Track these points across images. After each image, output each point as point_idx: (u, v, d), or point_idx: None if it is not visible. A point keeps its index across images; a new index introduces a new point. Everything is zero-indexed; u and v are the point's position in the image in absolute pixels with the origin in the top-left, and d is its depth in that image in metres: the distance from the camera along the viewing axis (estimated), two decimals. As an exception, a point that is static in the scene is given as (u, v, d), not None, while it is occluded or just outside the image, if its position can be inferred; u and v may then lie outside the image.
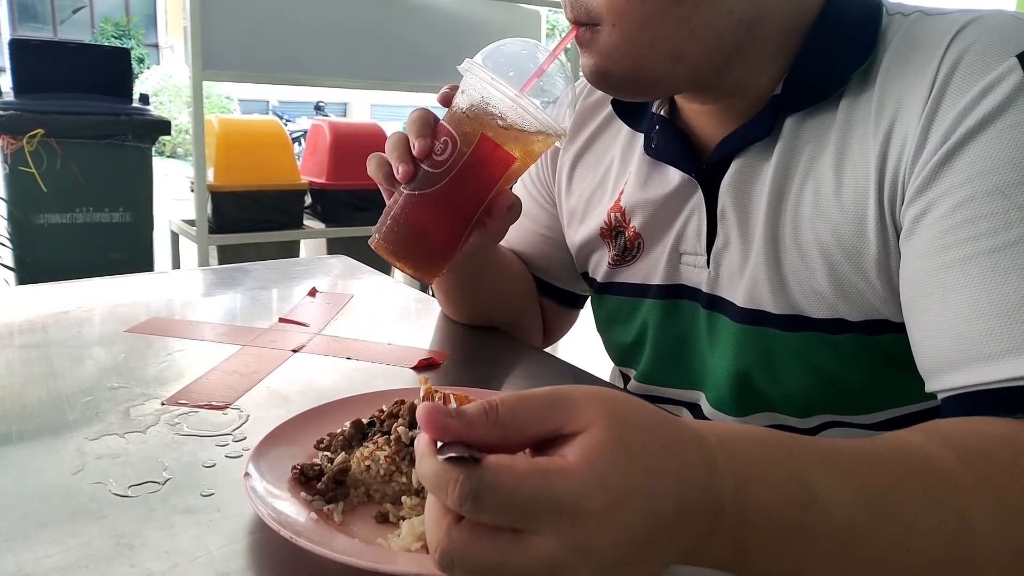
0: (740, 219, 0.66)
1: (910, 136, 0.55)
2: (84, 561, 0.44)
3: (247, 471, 0.50)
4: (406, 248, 0.64)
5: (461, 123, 0.62)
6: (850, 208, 0.59)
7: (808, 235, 0.61)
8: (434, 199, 0.63)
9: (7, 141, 2.65)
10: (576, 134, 0.83)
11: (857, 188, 0.58)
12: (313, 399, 0.63)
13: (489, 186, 0.63)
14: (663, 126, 0.71)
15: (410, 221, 0.63)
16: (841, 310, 0.61)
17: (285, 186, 3.13)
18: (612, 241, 0.78)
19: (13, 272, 2.81)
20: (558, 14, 6.73)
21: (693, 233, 0.70)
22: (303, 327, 0.90)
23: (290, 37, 2.93)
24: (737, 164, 0.65)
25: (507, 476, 0.31)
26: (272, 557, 0.46)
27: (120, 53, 3.17)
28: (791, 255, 0.63)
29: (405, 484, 0.51)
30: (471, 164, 0.61)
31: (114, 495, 0.51)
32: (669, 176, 0.71)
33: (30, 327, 0.86)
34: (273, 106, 14.35)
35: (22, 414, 0.64)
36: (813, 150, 0.61)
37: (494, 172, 0.62)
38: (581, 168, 0.83)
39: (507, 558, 0.31)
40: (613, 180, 0.79)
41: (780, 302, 0.64)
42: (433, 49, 3.28)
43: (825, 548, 0.37)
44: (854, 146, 0.59)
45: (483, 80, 0.60)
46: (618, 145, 0.79)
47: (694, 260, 0.71)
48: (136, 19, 16.48)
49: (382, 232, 0.64)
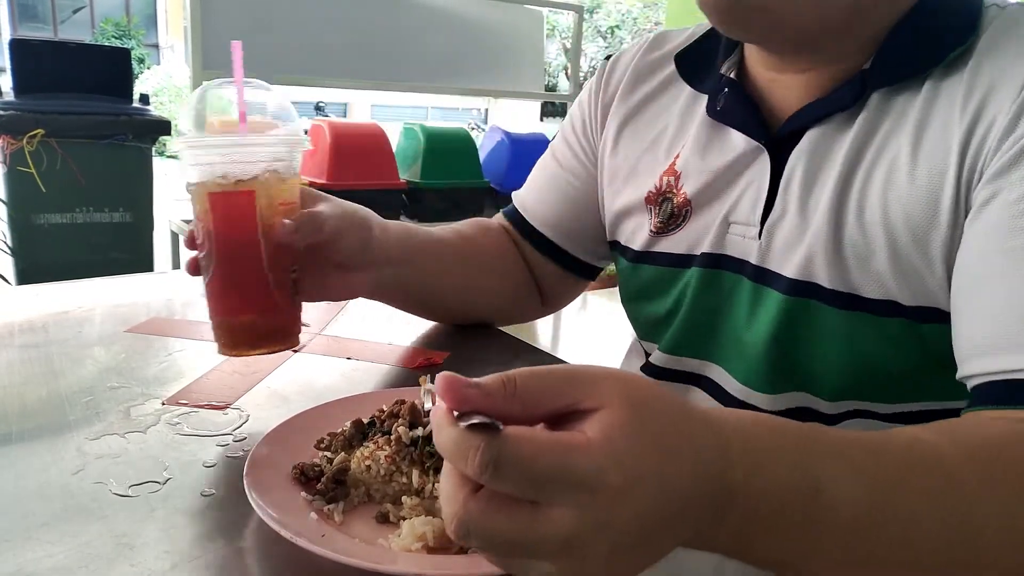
0: (804, 190, 0.65)
1: (999, 119, 0.55)
2: (84, 561, 0.44)
3: (247, 471, 0.50)
4: (243, 336, 0.63)
5: (193, 198, 0.62)
6: (924, 187, 0.58)
7: (875, 212, 0.61)
8: (222, 279, 0.63)
9: (7, 141, 2.65)
10: (629, 93, 0.81)
11: (934, 168, 0.58)
12: (313, 399, 0.64)
13: (250, 233, 0.61)
14: (732, 88, 0.70)
15: (221, 312, 0.64)
16: (895, 292, 0.60)
17: (285, 186, 3.13)
18: (656, 208, 0.76)
19: (13, 272, 2.81)
20: (558, 14, 6.72)
21: (749, 202, 0.68)
22: (303, 327, 0.90)
23: (290, 37, 2.93)
24: (813, 134, 0.65)
25: (528, 446, 0.31)
26: (272, 557, 0.46)
27: (120, 53, 3.17)
28: (852, 230, 0.62)
29: (405, 484, 0.51)
30: (220, 226, 0.61)
31: (114, 495, 0.51)
32: (732, 142, 0.70)
33: (30, 327, 0.86)
34: (273, 106, 14.31)
35: (22, 414, 0.64)
36: (891, 127, 0.61)
37: (243, 217, 0.61)
38: (631, 129, 0.81)
39: (525, 530, 0.31)
40: (667, 143, 0.77)
41: (834, 277, 0.63)
42: (433, 49, 3.28)
43: (828, 540, 0.37)
44: (936, 126, 0.59)
45: (177, 146, 0.61)
46: (676, 108, 0.77)
47: (744, 231, 0.69)
48: (136, 19, 16.48)
49: (218, 339, 0.65)
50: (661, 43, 0.83)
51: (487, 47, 3.50)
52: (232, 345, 0.63)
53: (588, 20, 15.99)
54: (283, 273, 0.64)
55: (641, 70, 0.82)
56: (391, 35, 3.16)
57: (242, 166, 0.61)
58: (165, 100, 11.14)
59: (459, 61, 3.39)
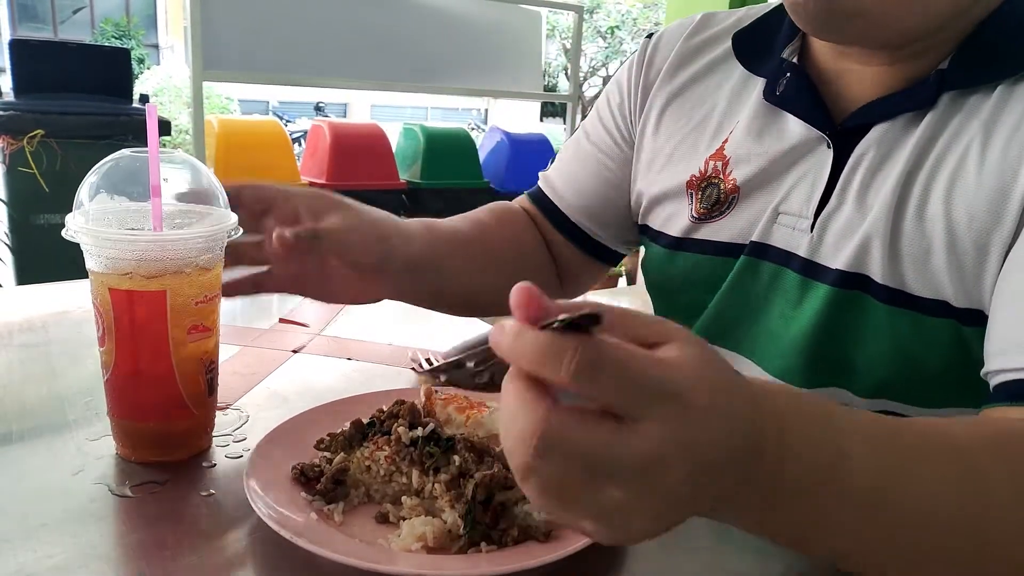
0: (864, 186, 0.63)
1: None
2: (84, 561, 0.44)
3: (247, 471, 0.50)
4: (145, 442, 0.56)
5: (92, 282, 0.55)
6: (991, 188, 0.58)
7: (937, 209, 0.60)
8: (123, 379, 0.55)
9: (7, 141, 2.66)
10: (673, 74, 0.79)
11: (1004, 170, 0.57)
12: (313, 399, 0.64)
13: (158, 336, 0.54)
14: (795, 73, 0.68)
15: (120, 413, 0.57)
16: (947, 293, 0.60)
17: (285, 186, 3.13)
18: (698, 193, 0.74)
19: (13, 272, 2.81)
20: (558, 15, 6.70)
21: (803, 194, 0.67)
22: (303, 327, 0.90)
23: (290, 37, 2.93)
24: (881, 129, 0.64)
25: (624, 352, 0.30)
26: (272, 557, 0.46)
27: (120, 53, 3.18)
28: (911, 227, 0.61)
29: (405, 484, 0.51)
30: (122, 326, 0.54)
31: (114, 495, 0.51)
32: (790, 129, 0.68)
33: (30, 327, 0.86)
34: (273, 106, 14.34)
35: (22, 414, 0.64)
36: (960, 125, 0.61)
37: (151, 318, 0.54)
38: (673, 109, 0.79)
39: (610, 444, 0.30)
40: (714, 127, 0.75)
41: (887, 272, 0.62)
42: (433, 49, 3.28)
43: (848, 508, 0.37)
44: (1007, 127, 0.58)
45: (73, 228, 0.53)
46: (725, 90, 0.75)
47: (794, 222, 0.67)
48: (136, 19, 16.47)
49: (116, 439, 0.58)
50: (708, 24, 0.81)
51: (486, 47, 3.50)
52: (132, 449, 0.57)
53: (588, 20, 15.97)
54: (195, 376, 0.57)
55: (687, 51, 0.79)
56: (391, 35, 3.16)
57: (153, 264, 0.53)
58: (165, 100, 11.14)
59: (459, 61, 3.39)
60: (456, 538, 0.47)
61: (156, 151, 0.55)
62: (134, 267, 0.53)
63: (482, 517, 0.47)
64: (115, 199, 0.56)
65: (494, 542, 0.46)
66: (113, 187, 0.56)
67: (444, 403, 0.59)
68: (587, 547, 0.45)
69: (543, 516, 0.47)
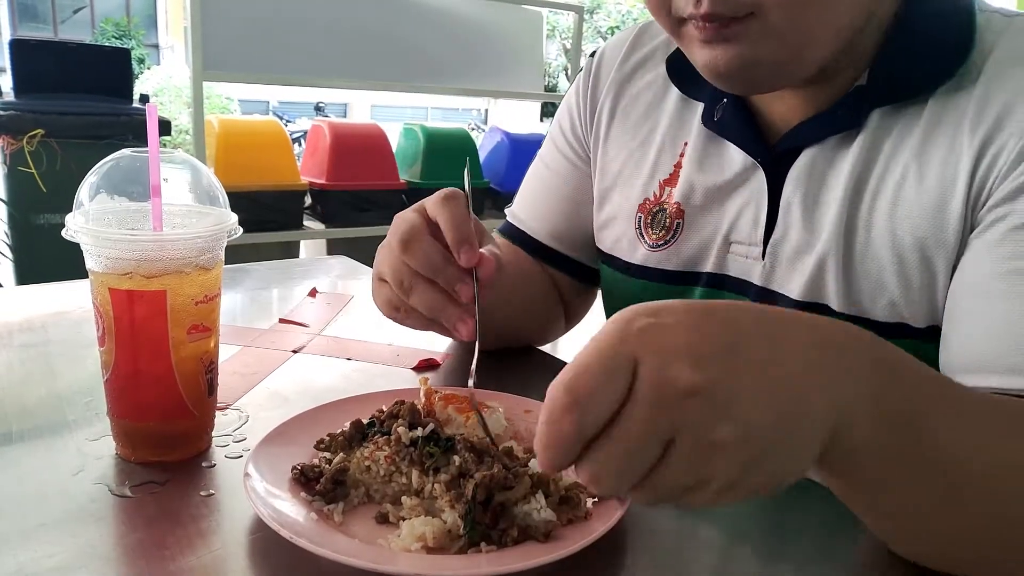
0: (807, 210, 0.64)
1: (1010, 142, 0.54)
2: (84, 561, 0.44)
3: (247, 471, 0.50)
4: (145, 442, 0.56)
5: (92, 283, 0.55)
6: (931, 205, 0.58)
7: (883, 231, 0.60)
8: (123, 379, 0.55)
9: (7, 141, 2.65)
10: (617, 92, 0.79)
11: (943, 183, 0.57)
12: (313, 399, 0.63)
13: (158, 336, 0.54)
14: (732, 100, 0.68)
15: (120, 414, 0.56)
16: (905, 314, 0.60)
17: (285, 186, 3.13)
18: (648, 218, 0.74)
19: (13, 272, 2.81)
20: (559, 15, 6.70)
21: (748, 221, 0.67)
22: (303, 327, 0.90)
23: (290, 37, 2.93)
24: (811, 153, 0.64)
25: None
26: (272, 557, 0.46)
27: (120, 53, 3.17)
28: (862, 251, 0.61)
29: (405, 484, 0.51)
30: (122, 326, 0.54)
31: (114, 495, 0.51)
32: (730, 156, 0.68)
33: (30, 327, 0.86)
34: (273, 106, 14.35)
35: (22, 414, 0.64)
36: (896, 144, 0.60)
37: (151, 317, 0.54)
38: (618, 127, 0.79)
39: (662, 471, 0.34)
40: (658, 148, 0.75)
41: (842, 300, 0.62)
42: (433, 49, 3.28)
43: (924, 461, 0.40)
44: (944, 142, 0.58)
45: (73, 228, 0.53)
46: (666, 111, 0.75)
47: (746, 251, 0.68)
48: (136, 19, 16.48)
49: (116, 440, 0.57)
50: (643, 39, 0.80)
51: (487, 48, 3.50)
52: (132, 449, 0.56)
53: (588, 21, 15.97)
54: (195, 376, 0.56)
55: (627, 69, 0.79)
56: (391, 35, 3.16)
57: (153, 264, 0.53)
58: (165, 100, 11.14)
59: (459, 61, 3.39)
60: (456, 538, 0.47)
61: (156, 151, 0.55)
62: (134, 267, 0.53)
63: (482, 517, 0.47)
64: (115, 199, 0.56)
65: (494, 542, 0.46)
66: (113, 187, 0.56)
67: (444, 403, 0.59)
68: (587, 547, 0.45)
69: (544, 516, 0.47)
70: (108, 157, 0.56)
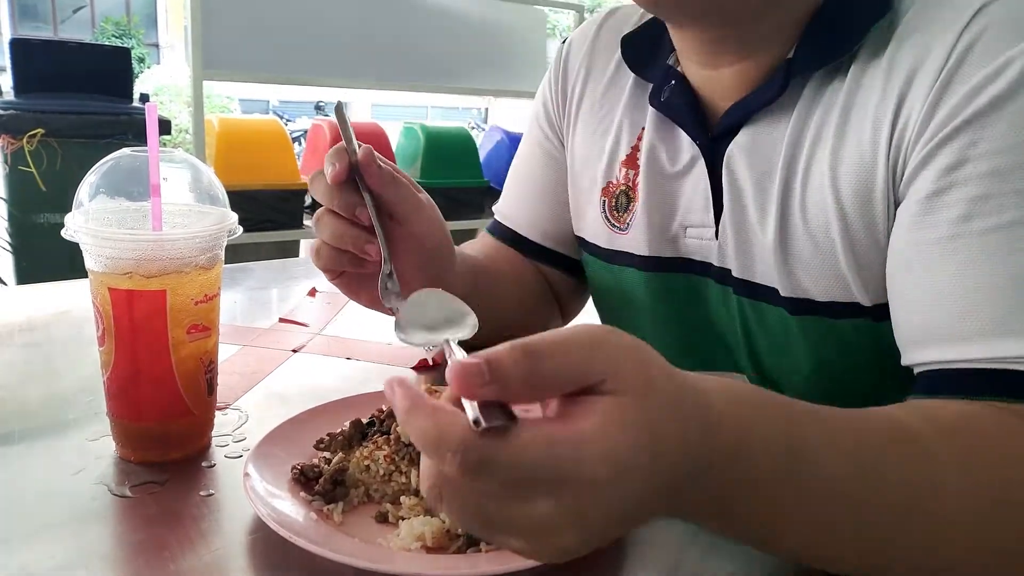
0: (747, 191, 0.63)
1: (917, 107, 0.54)
2: (84, 561, 0.44)
3: (247, 471, 0.50)
4: (145, 443, 0.56)
5: (92, 282, 0.55)
6: (855, 176, 0.57)
7: (816, 207, 0.59)
8: (123, 380, 0.55)
9: (7, 141, 2.66)
10: (586, 79, 0.79)
11: (863, 156, 0.57)
12: (313, 399, 0.64)
13: (158, 335, 0.54)
14: (678, 81, 0.68)
15: (120, 414, 0.56)
16: (853, 293, 0.59)
17: (285, 186, 3.13)
18: (611, 200, 0.74)
19: (13, 272, 2.81)
20: (559, 14, 6.73)
21: (700, 205, 0.67)
22: (303, 327, 0.90)
23: (290, 37, 2.93)
24: (747, 132, 0.63)
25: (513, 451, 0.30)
26: (272, 557, 0.46)
27: (120, 53, 3.17)
28: (799, 230, 0.61)
29: (405, 484, 0.51)
30: (122, 326, 0.54)
31: (114, 495, 0.52)
32: (681, 139, 0.68)
33: (30, 327, 0.86)
34: (273, 106, 14.34)
35: (22, 414, 0.64)
36: (822, 116, 0.60)
37: (151, 317, 0.54)
38: (584, 112, 0.79)
39: (500, 507, 0.31)
40: (615, 132, 0.75)
41: (785, 282, 0.62)
42: (434, 48, 3.28)
43: (806, 498, 0.38)
44: (860, 112, 0.57)
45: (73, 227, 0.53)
46: (624, 94, 0.75)
47: (700, 233, 0.68)
48: (136, 19, 16.47)
49: (116, 440, 0.57)
50: (612, 23, 0.80)
51: (487, 47, 3.50)
52: (131, 449, 0.56)
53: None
54: (194, 376, 0.56)
55: (594, 54, 0.79)
56: (391, 35, 3.16)
57: (153, 264, 0.53)
58: (165, 99, 11.14)
59: (459, 61, 3.39)
60: (455, 538, 0.47)
61: (156, 150, 0.55)
62: (134, 267, 0.53)
63: (481, 517, 0.47)
64: (115, 199, 0.56)
65: (493, 542, 0.46)
66: (113, 187, 0.56)
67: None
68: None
69: None
70: (108, 156, 0.56)
